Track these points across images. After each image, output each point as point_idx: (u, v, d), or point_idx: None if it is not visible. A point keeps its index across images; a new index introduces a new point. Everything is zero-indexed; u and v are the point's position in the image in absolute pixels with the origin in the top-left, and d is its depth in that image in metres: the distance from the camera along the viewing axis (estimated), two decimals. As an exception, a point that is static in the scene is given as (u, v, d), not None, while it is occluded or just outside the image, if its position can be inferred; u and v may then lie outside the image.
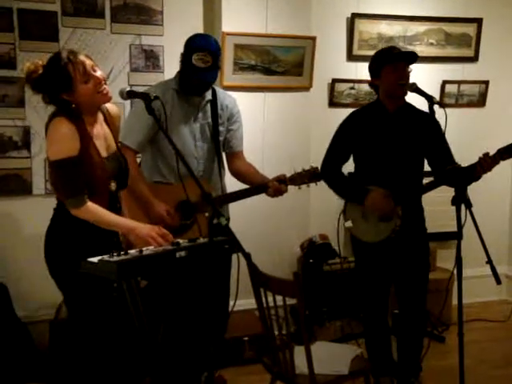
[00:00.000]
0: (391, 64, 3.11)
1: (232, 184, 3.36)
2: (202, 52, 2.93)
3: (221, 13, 3.91)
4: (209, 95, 3.15)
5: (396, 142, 3.19)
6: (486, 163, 2.95)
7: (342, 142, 3.28)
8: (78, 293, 2.49)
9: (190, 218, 3.05)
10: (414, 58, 3.14)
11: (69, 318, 2.65)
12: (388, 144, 3.19)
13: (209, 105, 3.16)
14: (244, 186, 3.26)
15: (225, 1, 3.92)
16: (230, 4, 3.93)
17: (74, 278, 2.45)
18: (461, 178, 2.73)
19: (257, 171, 3.29)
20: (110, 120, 2.62)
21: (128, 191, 2.97)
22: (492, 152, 2.95)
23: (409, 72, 3.16)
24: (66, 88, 2.39)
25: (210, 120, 3.16)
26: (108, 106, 2.63)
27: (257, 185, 3.16)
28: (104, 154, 2.51)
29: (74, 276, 2.43)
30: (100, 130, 2.54)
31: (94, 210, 2.41)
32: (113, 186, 2.52)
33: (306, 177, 3.16)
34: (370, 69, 3.21)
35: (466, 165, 2.96)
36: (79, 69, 2.38)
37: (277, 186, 3.10)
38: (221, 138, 3.21)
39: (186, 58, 2.99)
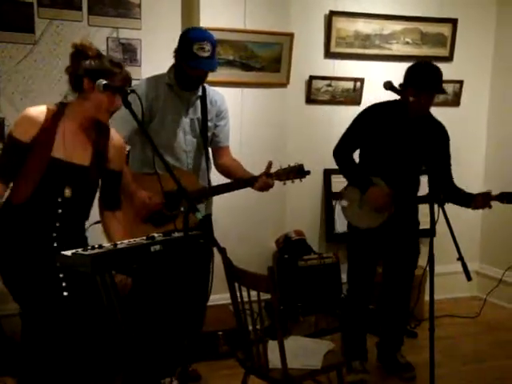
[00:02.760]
0: (422, 92, 3.18)
1: (217, 180, 3.35)
2: (202, 41, 2.98)
3: (199, 7, 3.90)
4: (199, 91, 3.19)
5: (407, 146, 3.31)
6: (480, 204, 3.31)
7: (358, 129, 3.42)
8: (22, 290, 2.50)
9: (175, 209, 3.07)
10: (441, 90, 3.27)
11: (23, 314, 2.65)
12: (399, 145, 3.31)
13: (199, 100, 3.20)
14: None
15: (203, -5, 3.92)
16: (209, -1, 3.93)
17: (15, 275, 2.47)
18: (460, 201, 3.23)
19: (242, 167, 3.32)
20: (104, 143, 2.59)
21: None
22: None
23: (433, 99, 3.26)
24: (94, 78, 2.40)
25: (199, 115, 3.20)
26: (112, 132, 2.64)
27: (242, 178, 3.19)
28: (58, 155, 2.46)
29: (16, 272, 2.46)
30: (78, 138, 2.51)
31: None
32: (67, 192, 2.48)
33: (291, 173, 3.19)
34: (408, 75, 3.26)
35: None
36: (117, 84, 2.41)
37: (265, 180, 3.13)
38: (209, 134, 3.25)
39: (185, 49, 3.00)
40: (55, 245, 2.51)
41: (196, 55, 2.97)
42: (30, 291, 2.48)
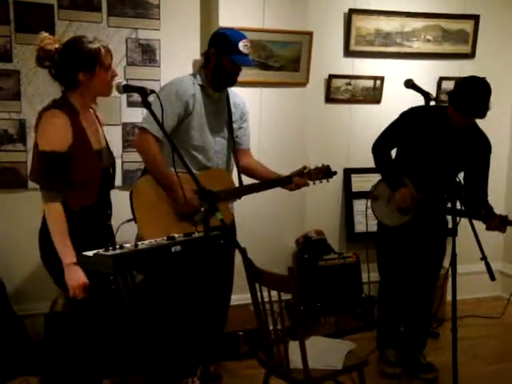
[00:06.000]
0: (464, 116, 3.15)
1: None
2: (246, 39, 3.10)
3: (218, 7, 3.90)
4: (225, 93, 3.25)
5: (444, 152, 3.28)
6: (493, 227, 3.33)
7: (397, 131, 3.43)
8: None
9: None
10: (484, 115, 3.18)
11: (69, 311, 2.66)
12: (437, 150, 3.29)
13: (225, 102, 3.26)
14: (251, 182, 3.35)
15: (222, -5, 3.92)
16: (227, -2, 3.92)
17: None
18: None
19: (267, 168, 3.39)
20: (100, 122, 2.69)
21: (150, 178, 3.06)
22: None
23: (474, 120, 3.25)
24: (89, 67, 2.44)
25: (226, 117, 3.27)
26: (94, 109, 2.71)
27: (278, 178, 3.29)
28: (96, 146, 2.55)
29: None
30: (92, 125, 2.59)
31: (59, 218, 2.41)
32: (111, 174, 2.65)
33: (320, 173, 3.32)
34: (453, 94, 3.15)
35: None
36: (108, 57, 2.48)
37: (299, 180, 3.26)
38: (234, 135, 3.30)
39: (230, 47, 3.07)
40: (109, 233, 2.62)
41: (242, 52, 3.08)
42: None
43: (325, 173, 3.33)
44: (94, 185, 2.51)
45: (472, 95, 3.07)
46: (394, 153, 3.56)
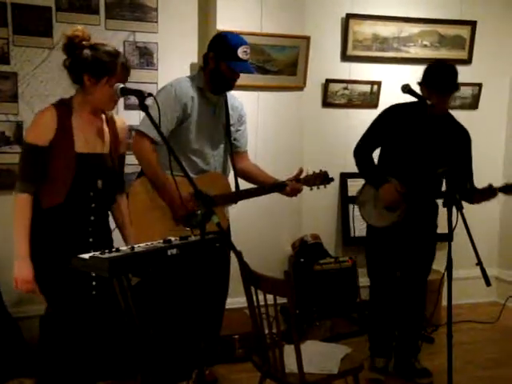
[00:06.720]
0: (437, 94, 3.22)
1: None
2: (245, 45, 3.08)
3: (215, 11, 3.91)
4: (223, 96, 3.25)
5: (427, 146, 3.33)
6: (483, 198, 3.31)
7: (378, 130, 3.46)
8: (55, 290, 2.51)
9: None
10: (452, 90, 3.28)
11: (52, 313, 2.66)
12: (419, 146, 3.33)
13: (223, 105, 3.26)
14: (248, 185, 3.35)
15: (220, -1, 3.93)
16: (225, 2, 3.93)
17: (49, 276, 2.48)
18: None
19: (264, 171, 3.39)
20: (113, 128, 2.66)
21: (146, 181, 3.06)
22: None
23: (447, 99, 3.29)
24: (97, 74, 2.46)
25: (223, 120, 3.26)
26: (115, 117, 2.70)
27: (274, 183, 3.27)
28: (82, 149, 2.51)
29: (50, 274, 2.47)
30: (92, 128, 2.56)
31: (22, 209, 2.47)
32: (99, 184, 2.57)
33: (317, 179, 3.31)
34: (424, 76, 3.30)
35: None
36: (121, 75, 2.49)
37: (295, 185, 3.24)
38: (231, 138, 3.30)
39: (229, 53, 3.05)
40: (91, 240, 2.57)
41: (241, 59, 3.06)
42: (63, 289, 2.49)
43: (322, 178, 3.33)
44: (63, 185, 2.47)
45: (442, 71, 3.25)
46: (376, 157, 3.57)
